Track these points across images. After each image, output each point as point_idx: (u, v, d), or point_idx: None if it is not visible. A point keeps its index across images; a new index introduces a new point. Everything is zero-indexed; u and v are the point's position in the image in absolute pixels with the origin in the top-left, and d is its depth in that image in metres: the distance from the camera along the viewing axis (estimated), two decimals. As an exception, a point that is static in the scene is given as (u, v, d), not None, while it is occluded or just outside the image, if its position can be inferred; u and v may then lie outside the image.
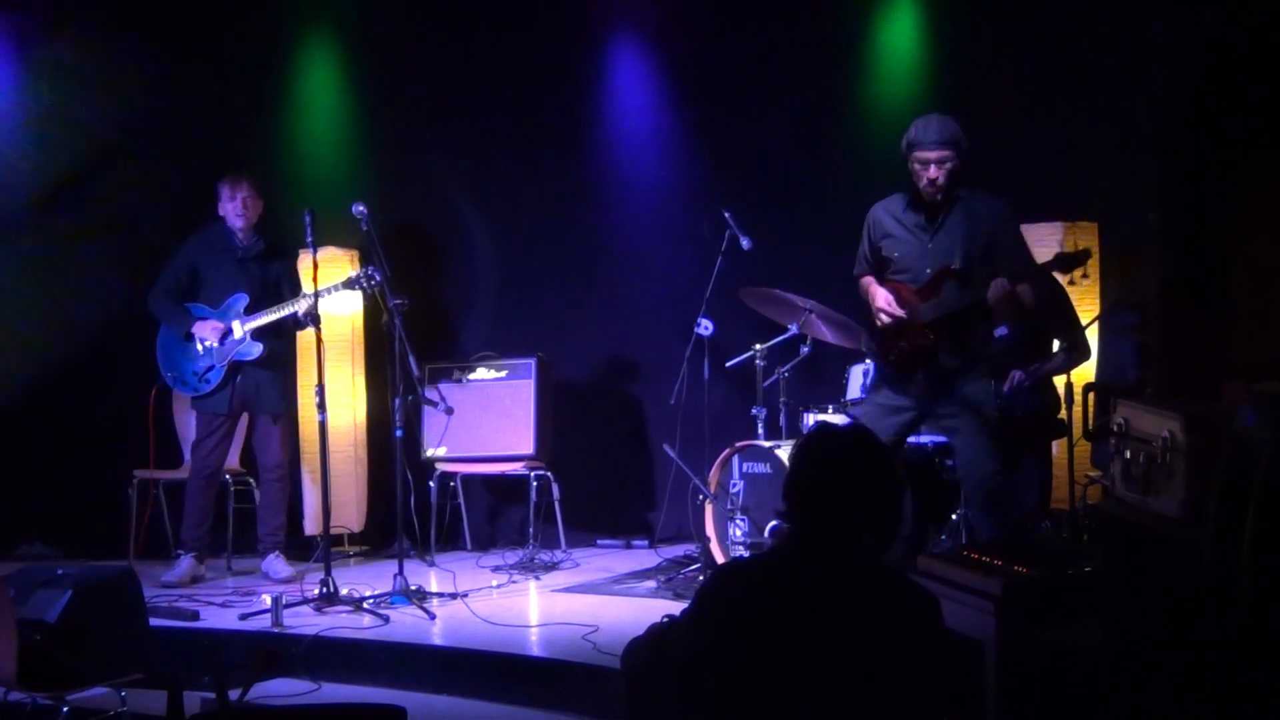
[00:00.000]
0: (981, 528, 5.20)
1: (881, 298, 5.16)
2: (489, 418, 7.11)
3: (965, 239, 5.07)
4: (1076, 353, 6.05)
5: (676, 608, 3.69)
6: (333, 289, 6.35)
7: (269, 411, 6.63)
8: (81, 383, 7.50)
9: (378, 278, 6.14)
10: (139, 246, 7.28)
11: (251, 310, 6.53)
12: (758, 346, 6.47)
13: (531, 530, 6.96)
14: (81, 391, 7.48)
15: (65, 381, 7.57)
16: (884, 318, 5.14)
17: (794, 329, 6.37)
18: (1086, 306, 6.46)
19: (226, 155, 7.21)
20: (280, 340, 6.64)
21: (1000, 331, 5.85)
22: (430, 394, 6.75)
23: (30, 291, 7.61)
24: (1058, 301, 6.13)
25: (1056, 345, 6.14)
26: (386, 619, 5.66)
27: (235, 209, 6.59)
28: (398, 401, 6.17)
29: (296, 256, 6.73)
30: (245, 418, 6.76)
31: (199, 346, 6.55)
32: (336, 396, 7.13)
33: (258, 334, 6.51)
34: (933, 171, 5.02)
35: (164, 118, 7.57)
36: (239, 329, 6.51)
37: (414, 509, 7.01)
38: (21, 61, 7.77)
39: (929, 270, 5.12)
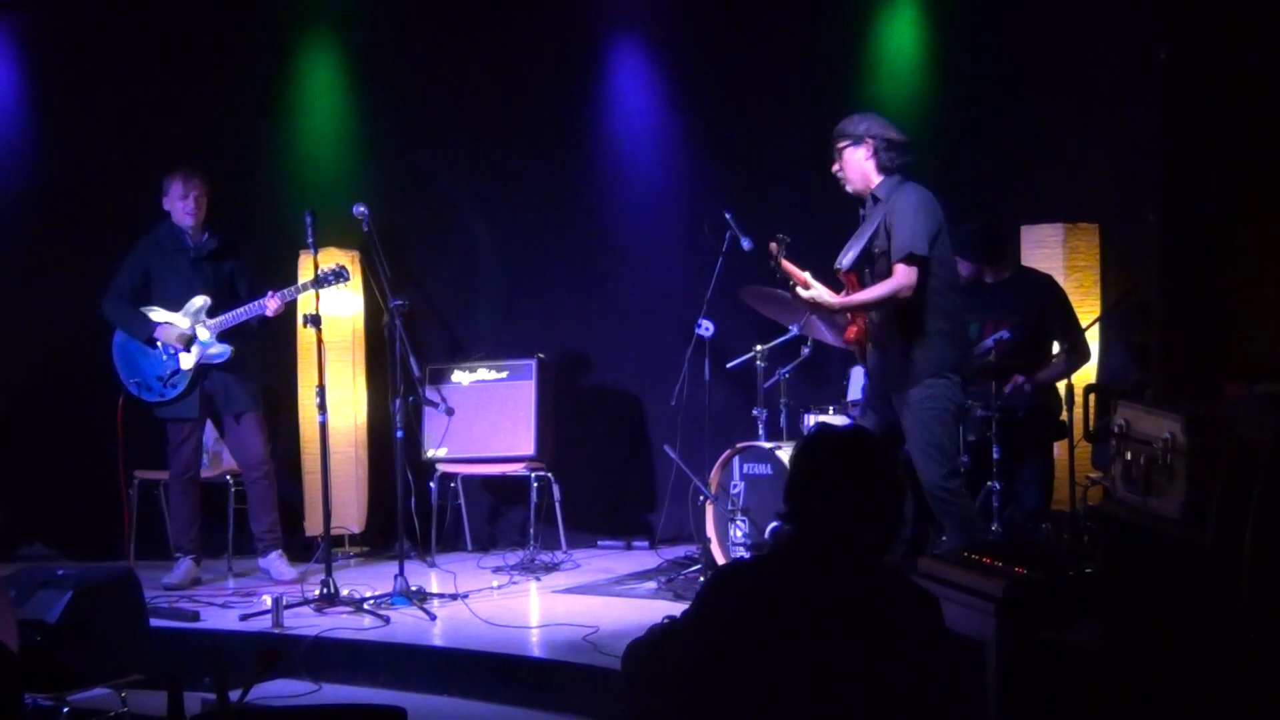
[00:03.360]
0: (946, 531, 5.20)
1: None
2: (489, 418, 7.11)
3: (863, 237, 5.13)
4: (1076, 354, 6.04)
5: (677, 609, 3.69)
6: (301, 289, 6.28)
7: (237, 411, 6.52)
8: (82, 383, 7.49)
9: (346, 275, 6.11)
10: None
11: (213, 311, 6.44)
12: (758, 347, 6.47)
13: (532, 531, 6.96)
14: (82, 392, 7.47)
15: (65, 382, 7.57)
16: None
17: (795, 330, 6.37)
18: (1087, 308, 6.45)
19: (227, 156, 7.22)
20: (244, 340, 6.52)
21: (1002, 334, 5.85)
22: (431, 395, 6.75)
23: (31, 292, 7.62)
24: (1058, 302, 6.13)
25: (1056, 347, 6.14)
26: (387, 620, 5.66)
27: (188, 207, 6.45)
28: (398, 402, 6.17)
29: (251, 254, 6.68)
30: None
31: (162, 352, 6.44)
32: (337, 398, 7.12)
33: (224, 335, 6.43)
34: (834, 165, 5.25)
35: (164, 119, 7.57)
36: (205, 332, 6.40)
37: (414, 510, 7.01)
38: (22, 62, 7.79)
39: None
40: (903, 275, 4.96)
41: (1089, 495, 5.92)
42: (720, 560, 6.20)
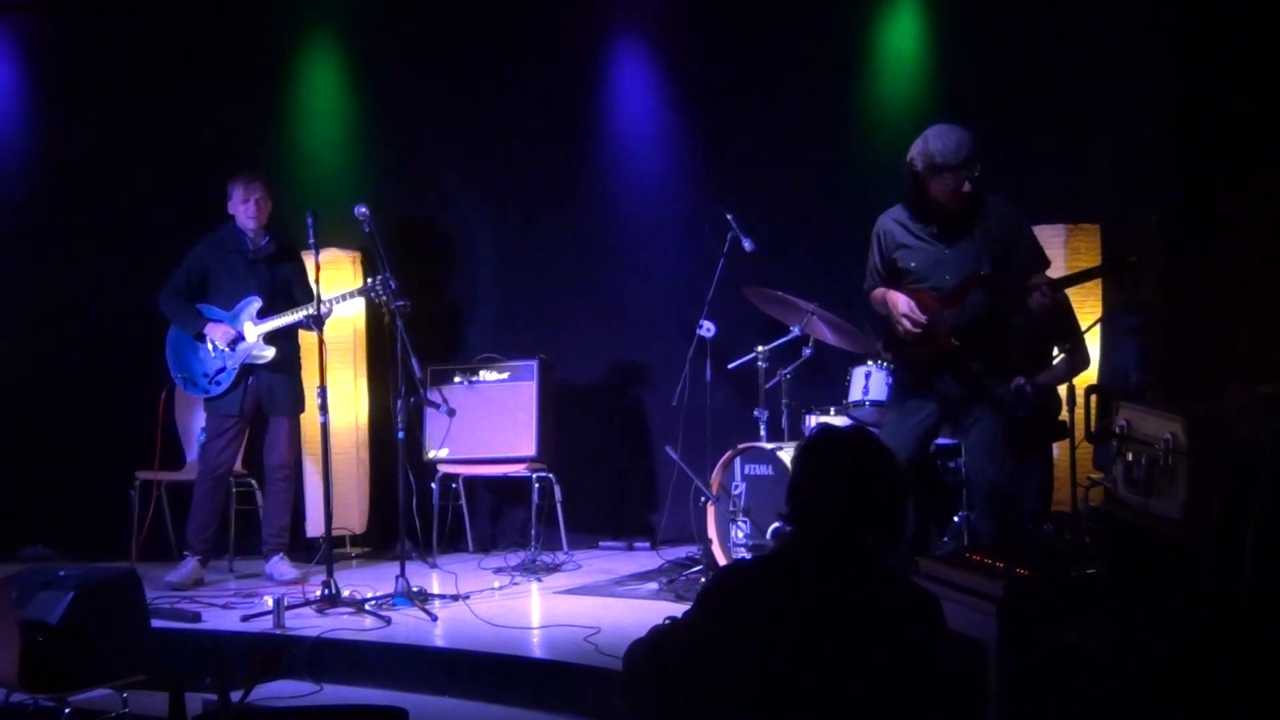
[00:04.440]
0: (984, 531, 5.20)
1: (904, 304, 5.11)
2: (491, 419, 7.11)
3: (989, 244, 5.06)
4: (1077, 357, 6.04)
5: (678, 610, 3.68)
6: (347, 296, 6.38)
7: (280, 413, 6.62)
8: (84, 385, 7.51)
9: (393, 285, 6.13)
10: (141, 249, 7.29)
11: (264, 313, 6.52)
12: (760, 348, 6.47)
13: (533, 532, 6.96)
14: (84, 393, 7.49)
15: (68, 383, 7.58)
16: (908, 325, 5.09)
17: (796, 330, 6.37)
18: (1089, 309, 6.45)
19: (229, 157, 7.22)
20: (291, 342, 6.63)
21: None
22: (432, 395, 6.75)
23: (33, 294, 7.62)
24: (1058, 307, 6.12)
25: (1057, 352, 6.13)
26: (388, 620, 5.67)
27: (248, 210, 6.58)
28: (400, 403, 6.17)
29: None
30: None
31: (210, 348, 6.53)
32: (339, 398, 7.14)
33: (270, 337, 6.51)
34: (966, 186, 5.02)
35: (167, 120, 7.58)
36: (251, 333, 6.49)
37: (416, 510, 7.01)
38: (23, 63, 7.79)
39: (949, 277, 5.09)
40: None
41: (1090, 496, 5.92)
42: (722, 561, 6.20)
